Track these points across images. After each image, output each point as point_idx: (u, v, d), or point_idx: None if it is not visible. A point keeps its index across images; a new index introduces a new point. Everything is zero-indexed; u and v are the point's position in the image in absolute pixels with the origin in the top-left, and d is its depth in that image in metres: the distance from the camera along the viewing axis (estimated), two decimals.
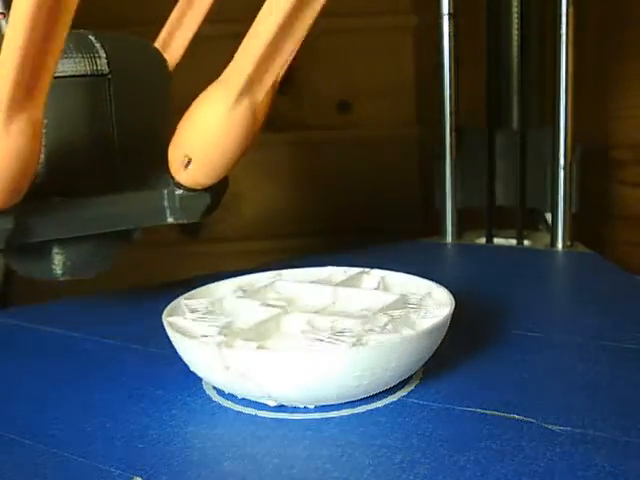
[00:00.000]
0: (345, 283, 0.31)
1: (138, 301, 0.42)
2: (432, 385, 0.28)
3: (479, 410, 0.26)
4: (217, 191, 0.33)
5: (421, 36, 0.67)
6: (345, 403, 0.27)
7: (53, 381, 0.31)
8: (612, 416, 0.25)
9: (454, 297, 0.29)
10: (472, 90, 0.56)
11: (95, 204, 0.32)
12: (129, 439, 0.25)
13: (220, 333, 0.26)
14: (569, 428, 0.24)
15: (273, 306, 0.28)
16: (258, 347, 0.25)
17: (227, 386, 0.26)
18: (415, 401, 0.27)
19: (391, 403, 0.27)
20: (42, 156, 0.30)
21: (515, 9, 0.56)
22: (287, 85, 0.68)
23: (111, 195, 0.32)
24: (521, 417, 0.25)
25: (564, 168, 0.52)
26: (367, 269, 0.33)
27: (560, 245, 0.53)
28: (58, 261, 0.33)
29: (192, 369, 0.27)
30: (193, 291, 0.31)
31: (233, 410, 0.27)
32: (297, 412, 0.26)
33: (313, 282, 0.32)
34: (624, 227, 0.63)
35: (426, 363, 0.28)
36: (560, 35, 0.50)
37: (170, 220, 0.33)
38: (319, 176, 0.69)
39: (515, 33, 0.56)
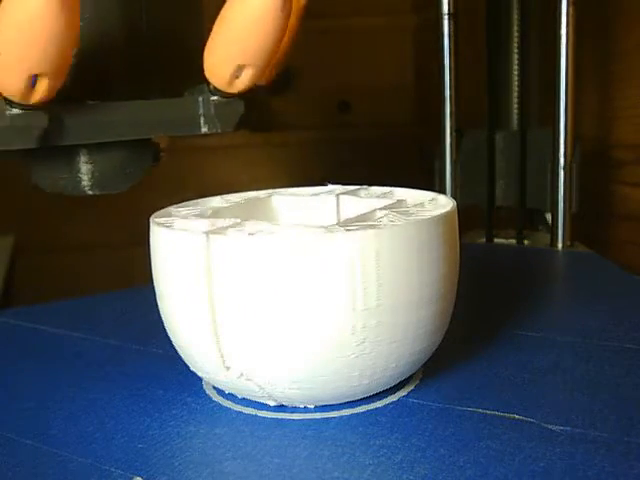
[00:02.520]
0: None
1: (138, 301, 0.42)
2: (432, 385, 0.28)
3: (479, 410, 0.26)
4: (250, 98, 0.32)
5: (421, 36, 0.67)
6: (345, 403, 0.27)
7: (53, 381, 0.31)
8: (612, 416, 0.25)
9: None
10: (472, 90, 0.56)
11: (128, 108, 0.31)
12: (129, 439, 0.25)
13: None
14: (569, 428, 0.24)
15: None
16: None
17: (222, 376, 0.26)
18: (415, 401, 0.27)
19: (391, 403, 0.27)
20: (75, 54, 0.29)
21: (515, 9, 0.56)
22: (287, 85, 0.68)
23: (144, 100, 0.32)
24: (521, 417, 0.25)
25: (564, 168, 0.52)
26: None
27: (560, 245, 0.53)
28: (86, 171, 0.32)
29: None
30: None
31: (233, 410, 0.27)
32: (297, 412, 0.26)
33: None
34: (624, 227, 0.63)
35: (426, 363, 0.28)
36: (560, 35, 0.50)
37: (204, 130, 0.32)
38: (319, 176, 0.69)
39: (515, 33, 0.56)
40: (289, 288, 0.24)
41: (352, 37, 0.67)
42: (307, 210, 0.31)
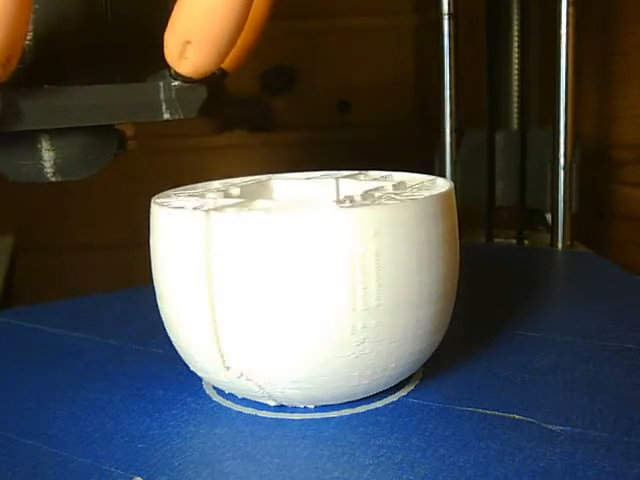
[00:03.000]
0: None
1: (138, 301, 0.42)
2: (432, 385, 0.28)
3: (479, 410, 0.26)
4: (213, 86, 0.32)
5: (421, 36, 0.67)
6: (345, 403, 0.27)
7: (53, 381, 0.31)
8: (612, 416, 0.25)
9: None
10: (472, 90, 0.56)
11: (86, 93, 0.30)
12: (129, 439, 0.25)
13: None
14: (569, 428, 0.24)
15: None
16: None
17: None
18: (415, 401, 0.27)
19: (391, 403, 0.27)
20: (30, 38, 0.29)
21: (515, 9, 0.56)
22: (287, 85, 0.68)
23: (104, 85, 0.31)
24: (521, 417, 0.25)
25: (564, 168, 0.52)
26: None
27: (560, 245, 0.53)
28: (49, 158, 0.31)
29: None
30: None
31: (233, 410, 0.27)
32: (297, 412, 0.26)
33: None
34: (624, 227, 0.63)
35: (426, 363, 0.28)
36: (560, 35, 0.50)
37: (166, 116, 0.31)
38: None
39: (515, 33, 0.56)
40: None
41: (352, 37, 0.67)
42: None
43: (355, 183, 0.30)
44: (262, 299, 0.24)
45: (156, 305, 0.27)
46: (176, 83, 0.31)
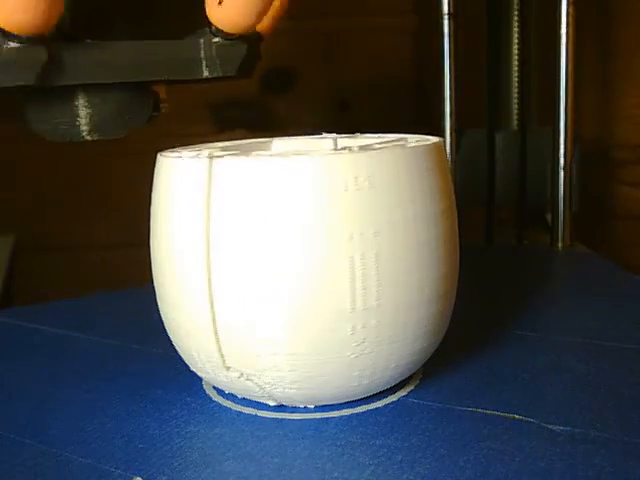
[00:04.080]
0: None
1: (138, 301, 0.42)
2: (432, 385, 0.28)
3: (479, 410, 0.26)
4: (252, 45, 0.32)
5: (421, 36, 0.67)
6: (345, 403, 0.27)
7: (53, 381, 0.31)
8: (612, 416, 0.25)
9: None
10: (472, 90, 0.56)
11: (127, 48, 0.30)
12: (129, 439, 0.25)
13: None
14: (569, 428, 0.24)
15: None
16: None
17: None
18: (415, 401, 0.27)
19: (391, 403, 0.27)
20: None
21: (515, 9, 0.56)
22: (287, 85, 0.68)
23: (145, 41, 0.31)
24: (521, 417, 0.25)
25: (564, 168, 0.52)
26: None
27: (560, 245, 0.53)
28: (85, 115, 0.31)
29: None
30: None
31: (233, 410, 0.27)
32: (297, 412, 0.26)
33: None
34: (624, 227, 0.63)
35: (426, 363, 0.28)
36: (560, 35, 0.50)
37: (205, 74, 0.31)
38: None
39: (515, 33, 0.56)
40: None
41: (352, 37, 0.67)
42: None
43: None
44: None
45: (156, 305, 0.27)
46: (216, 39, 0.31)
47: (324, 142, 0.31)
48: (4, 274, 0.59)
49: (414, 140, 0.27)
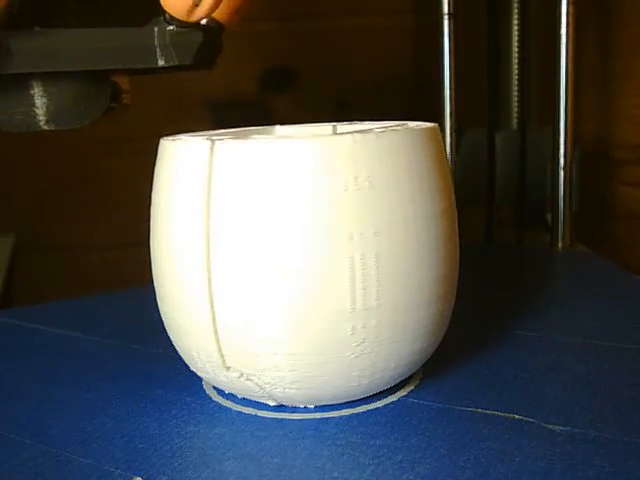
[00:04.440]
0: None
1: (138, 301, 0.42)
2: (432, 385, 0.28)
3: (479, 410, 0.26)
4: (210, 34, 0.32)
5: (421, 36, 0.67)
6: (345, 403, 0.27)
7: (53, 381, 0.31)
8: (612, 416, 0.25)
9: None
10: (472, 90, 0.56)
11: (79, 36, 0.30)
12: (129, 439, 0.25)
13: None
14: (569, 428, 0.24)
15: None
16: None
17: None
18: (415, 401, 0.27)
19: (391, 403, 0.27)
20: None
21: (515, 9, 0.56)
22: (287, 85, 0.68)
23: (97, 28, 0.30)
24: (521, 417, 0.25)
25: (564, 168, 0.52)
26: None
27: (560, 245, 0.53)
28: (41, 105, 0.31)
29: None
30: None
31: (233, 410, 0.27)
32: (297, 412, 0.26)
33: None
34: (624, 227, 0.63)
35: (426, 363, 0.28)
36: (560, 35, 0.50)
37: (161, 63, 0.31)
38: None
39: (515, 33, 0.56)
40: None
41: (352, 37, 0.67)
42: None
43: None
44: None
45: (156, 305, 0.27)
46: (171, 27, 0.30)
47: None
48: (4, 274, 0.59)
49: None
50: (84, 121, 0.32)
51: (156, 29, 0.31)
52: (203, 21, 0.31)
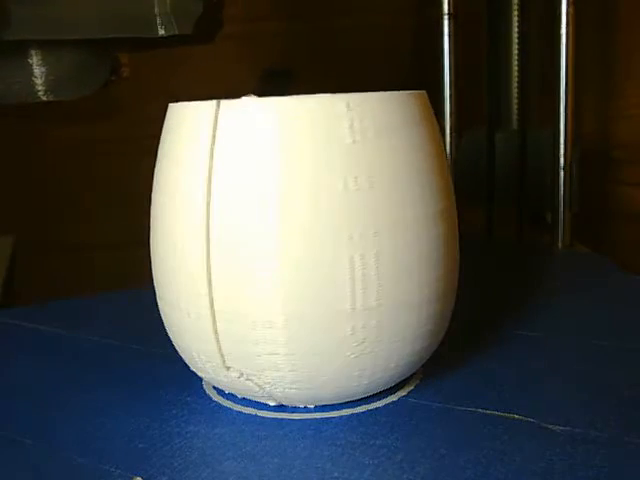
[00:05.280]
0: None
1: (138, 301, 0.42)
2: (432, 385, 0.28)
3: (479, 410, 0.26)
4: (210, 7, 0.31)
5: (421, 36, 0.67)
6: (345, 403, 0.27)
7: (53, 381, 0.31)
8: (612, 416, 0.25)
9: None
10: (472, 90, 0.56)
11: (79, 4, 0.30)
12: (129, 439, 0.25)
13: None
14: (569, 428, 0.24)
15: None
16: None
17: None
18: (415, 401, 0.27)
19: (391, 403, 0.27)
20: None
21: (515, 9, 0.56)
22: (286, 85, 0.68)
23: None
24: (521, 417, 0.25)
25: (564, 168, 0.52)
26: None
27: (560, 245, 0.53)
28: (40, 74, 0.31)
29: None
30: None
31: (233, 410, 0.27)
32: (297, 412, 0.26)
33: None
34: (624, 227, 0.63)
35: (426, 363, 0.28)
36: (560, 35, 0.50)
37: (161, 32, 0.31)
38: None
39: (515, 33, 0.56)
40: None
41: (352, 37, 0.67)
42: None
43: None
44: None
45: (156, 305, 0.27)
46: None
47: None
48: (4, 274, 0.59)
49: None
50: (83, 92, 0.32)
51: None
52: None
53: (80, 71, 0.32)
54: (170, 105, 0.27)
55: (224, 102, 0.24)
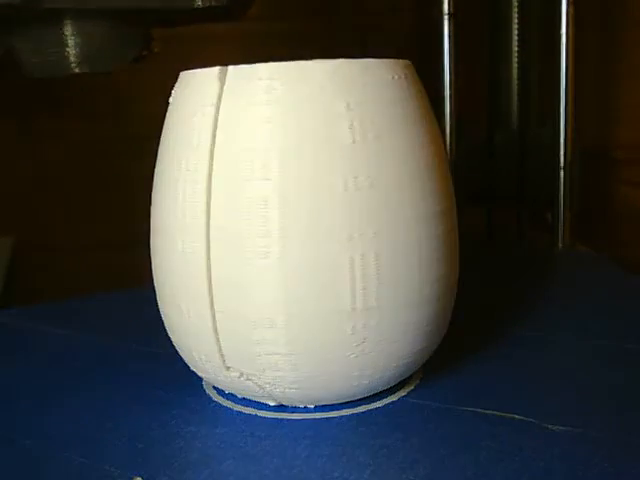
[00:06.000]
0: None
1: (138, 301, 0.42)
2: (432, 385, 0.28)
3: (479, 410, 0.26)
4: None
5: (421, 36, 0.67)
6: (345, 403, 0.27)
7: (53, 381, 0.31)
8: (612, 416, 0.25)
9: None
10: (472, 90, 0.56)
11: None
12: (129, 439, 0.25)
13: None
14: (569, 428, 0.24)
15: None
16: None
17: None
18: (415, 401, 0.27)
19: (391, 403, 0.27)
20: None
21: (515, 9, 0.56)
22: None
23: None
24: (521, 417, 0.25)
25: (564, 168, 0.52)
26: None
27: (560, 245, 0.53)
28: (74, 45, 0.31)
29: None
30: None
31: (233, 410, 0.27)
32: (297, 412, 0.26)
33: None
34: (624, 227, 0.63)
35: (426, 363, 0.28)
36: (560, 35, 0.50)
37: (198, 3, 0.31)
38: None
39: (515, 33, 0.56)
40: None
41: (352, 37, 0.67)
42: None
43: None
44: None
45: (156, 305, 0.27)
46: None
47: None
48: (4, 274, 0.59)
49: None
50: (115, 64, 0.32)
51: None
52: None
53: (113, 44, 0.32)
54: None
55: (224, 103, 0.24)
